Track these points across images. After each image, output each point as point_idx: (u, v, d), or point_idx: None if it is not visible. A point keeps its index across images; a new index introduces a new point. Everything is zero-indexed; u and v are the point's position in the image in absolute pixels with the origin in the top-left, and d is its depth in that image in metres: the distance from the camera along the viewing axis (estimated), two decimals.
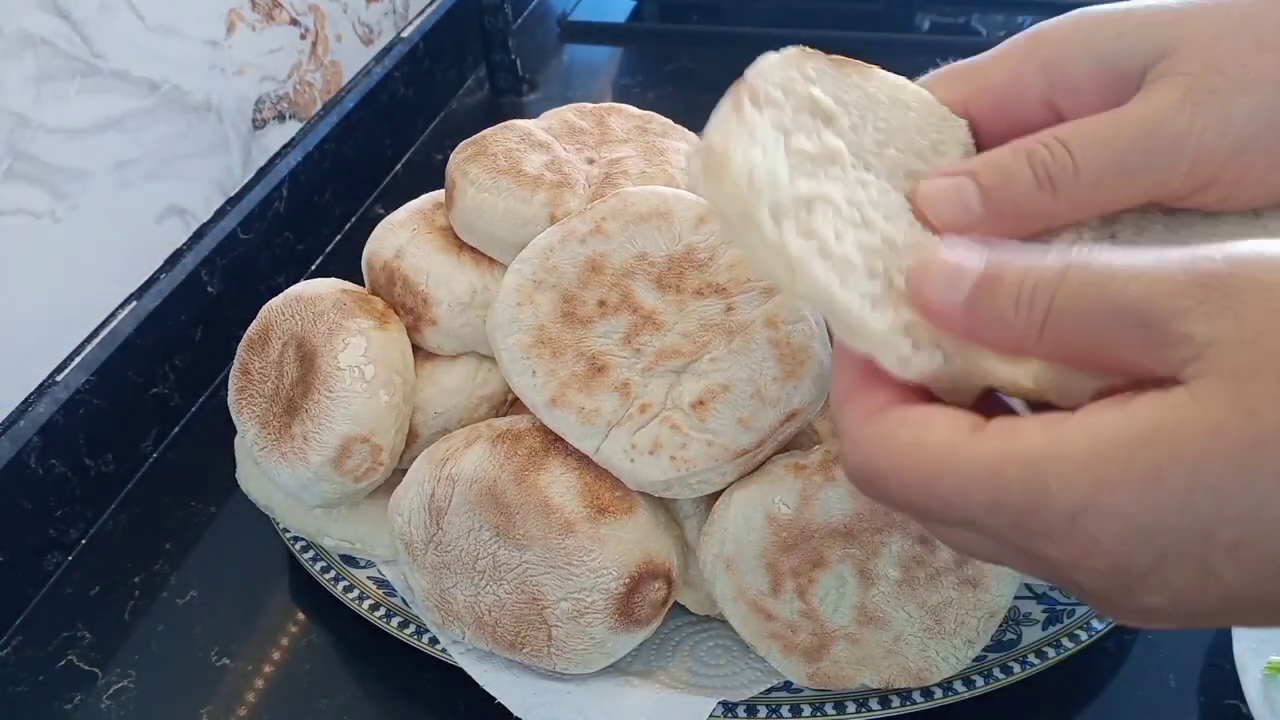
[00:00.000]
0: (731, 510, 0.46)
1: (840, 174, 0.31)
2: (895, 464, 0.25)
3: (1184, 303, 0.21)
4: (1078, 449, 0.22)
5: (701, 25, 1.10)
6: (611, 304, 0.48)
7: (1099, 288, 0.22)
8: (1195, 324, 0.21)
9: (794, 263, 0.28)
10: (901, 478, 0.25)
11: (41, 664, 0.57)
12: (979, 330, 0.25)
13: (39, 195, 0.60)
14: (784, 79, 0.32)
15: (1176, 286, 0.21)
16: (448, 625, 0.50)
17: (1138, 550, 0.21)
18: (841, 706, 0.48)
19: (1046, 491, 0.22)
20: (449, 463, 0.49)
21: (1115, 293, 0.22)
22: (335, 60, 0.87)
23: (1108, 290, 0.22)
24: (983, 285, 0.25)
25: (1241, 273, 0.21)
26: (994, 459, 0.23)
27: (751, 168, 0.29)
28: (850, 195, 0.31)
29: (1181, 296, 0.21)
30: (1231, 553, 0.20)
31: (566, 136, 0.57)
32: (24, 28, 0.57)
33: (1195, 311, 0.21)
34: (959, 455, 0.23)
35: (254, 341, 0.55)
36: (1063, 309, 0.23)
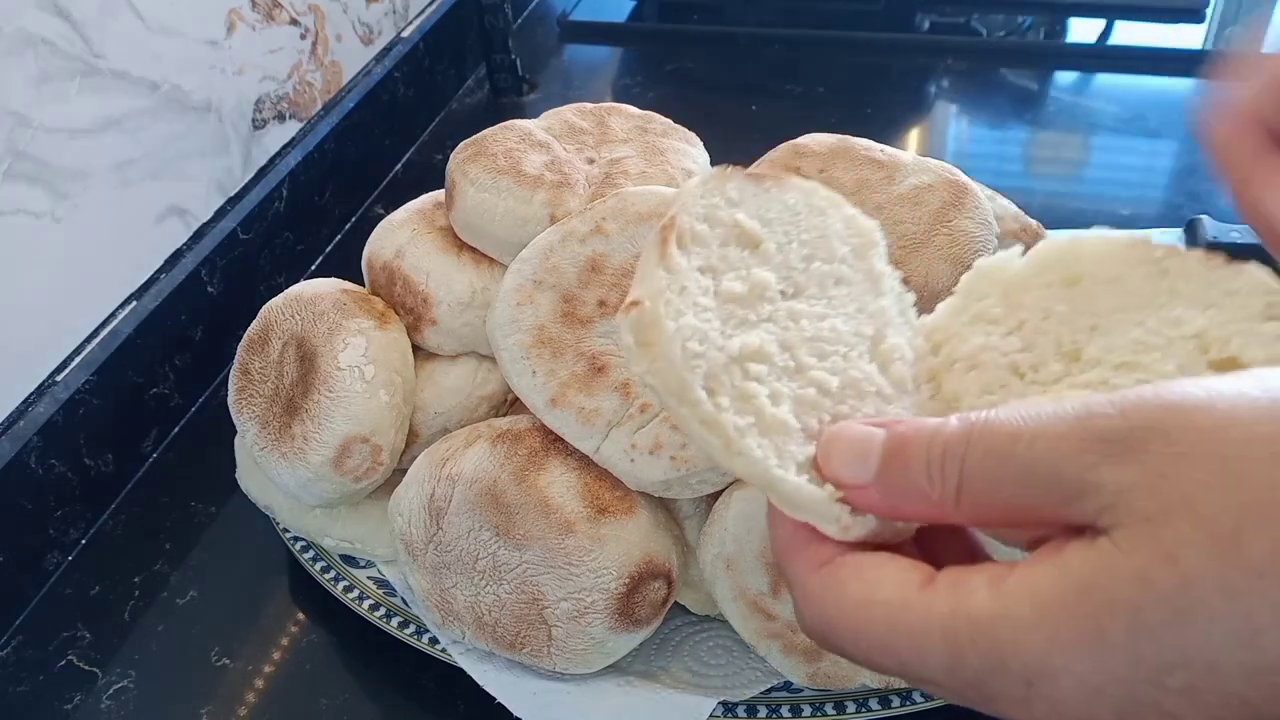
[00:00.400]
0: (731, 510, 0.46)
1: (771, 311, 0.31)
2: (848, 623, 0.25)
3: (1088, 458, 0.22)
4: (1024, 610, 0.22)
5: (701, 25, 1.11)
6: (612, 304, 0.48)
7: (1005, 453, 0.23)
8: (1103, 474, 0.22)
9: (731, 441, 0.27)
10: (856, 637, 0.25)
11: (41, 664, 0.57)
12: (897, 505, 0.25)
13: (39, 195, 0.60)
14: (707, 209, 0.31)
15: (1079, 443, 0.22)
16: (448, 625, 0.50)
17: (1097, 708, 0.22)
18: (841, 706, 0.48)
19: (1000, 655, 0.22)
20: (449, 463, 0.49)
21: (1021, 455, 0.23)
22: (335, 60, 0.87)
23: (1014, 453, 0.23)
24: (889, 458, 0.25)
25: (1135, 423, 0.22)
26: (945, 619, 0.23)
27: (684, 336, 0.28)
28: (783, 338, 0.30)
29: (1085, 452, 0.22)
30: (1186, 697, 0.21)
31: (566, 136, 0.57)
32: (24, 28, 0.57)
33: (1101, 465, 0.22)
34: (911, 616, 0.24)
35: (254, 342, 0.55)
36: (974, 475, 0.24)
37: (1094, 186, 0.84)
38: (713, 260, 0.30)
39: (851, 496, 0.26)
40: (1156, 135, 0.89)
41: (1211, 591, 0.20)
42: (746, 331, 0.30)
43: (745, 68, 1.04)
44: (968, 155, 0.91)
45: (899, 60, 1.02)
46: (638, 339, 0.28)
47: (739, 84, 1.01)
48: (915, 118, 0.96)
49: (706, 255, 0.30)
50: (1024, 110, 0.95)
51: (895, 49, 1.03)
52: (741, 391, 0.28)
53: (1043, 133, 0.92)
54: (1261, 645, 0.20)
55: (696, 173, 0.56)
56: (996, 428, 0.23)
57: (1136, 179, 0.85)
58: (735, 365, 0.29)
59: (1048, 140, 0.91)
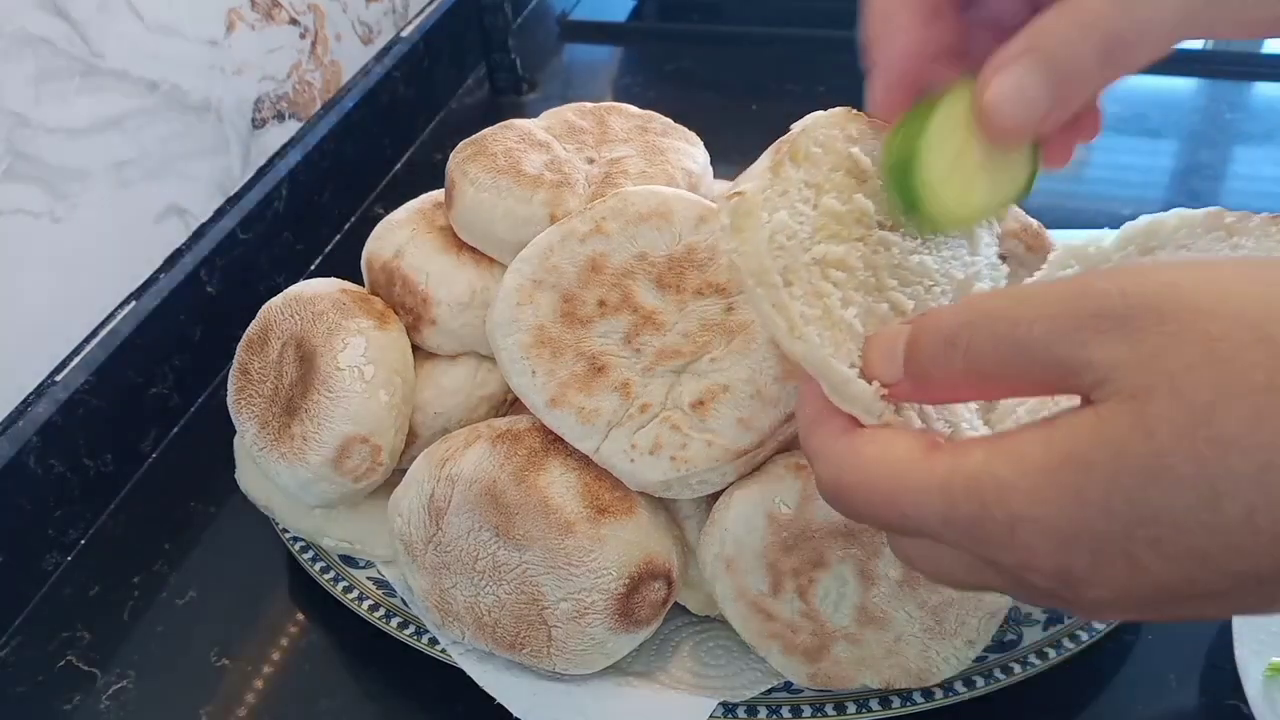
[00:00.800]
0: (731, 510, 0.46)
1: (864, 234, 0.34)
2: (860, 478, 0.28)
3: (1083, 335, 0.24)
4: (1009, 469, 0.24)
5: (701, 25, 1.10)
6: (611, 304, 0.48)
7: (1007, 336, 0.25)
8: (1095, 352, 0.23)
9: (795, 326, 0.31)
10: (867, 492, 0.28)
11: (41, 664, 0.57)
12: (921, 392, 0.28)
13: (39, 195, 0.60)
14: (825, 137, 0.34)
15: (1076, 321, 0.24)
16: (447, 625, 0.50)
17: (1072, 553, 0.24)
18: (842, 707, 0.48)
19: (985, 504, 0.25)
20: (449, 463, 0.49)
21: (1022, 338, 0.25)
22: (335, 60, 0.86)
23: (1015, 336, 0.25)
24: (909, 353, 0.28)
25: (1134, 302, 0.23)
26: (944, 476, 0.26)
27: (774, 229, 0.31)
28: (869, 259, 0.33)
29: (1081, 330, 0.24)
30: (1153, 548, 0.23)
31: (566, 136, 0.57)
32: (24, 28, 0.57)
33: (1094, 341, 0.23)
34: (916, 471, 0.26)
35: (253, 342, 0.55)
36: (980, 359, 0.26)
37: (1094, 186, 0.84)
38: (819, 178, 0.33)
39: (890, 393, 0.29)
40: (1157, 135, 0.89)
41: (1181, 460, 0.22)
42: (835, 243, 0.33)
43: (745, 68, 1.03)
44: None
45: None
46: (733, 223, 0.32)
47: (739, 84, 1.01)
48: None
49: (815, 173, 0.33)
50: None
51: None
52: (816, 289, 0.31)
53: None
54: (1222, 508, 0.22)
55: (696, 173, 0.56)
56: (998, 314, 0.25)
57: (1137, 179, 0.85)
58: (816, 266, 0.32)
59: None
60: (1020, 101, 0.30)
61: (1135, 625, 0.53)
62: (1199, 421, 0.22)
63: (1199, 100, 0.92)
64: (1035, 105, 0.30)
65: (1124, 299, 0.23)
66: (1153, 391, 0.22)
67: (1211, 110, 0.90)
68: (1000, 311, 0.25)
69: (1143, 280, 0.24)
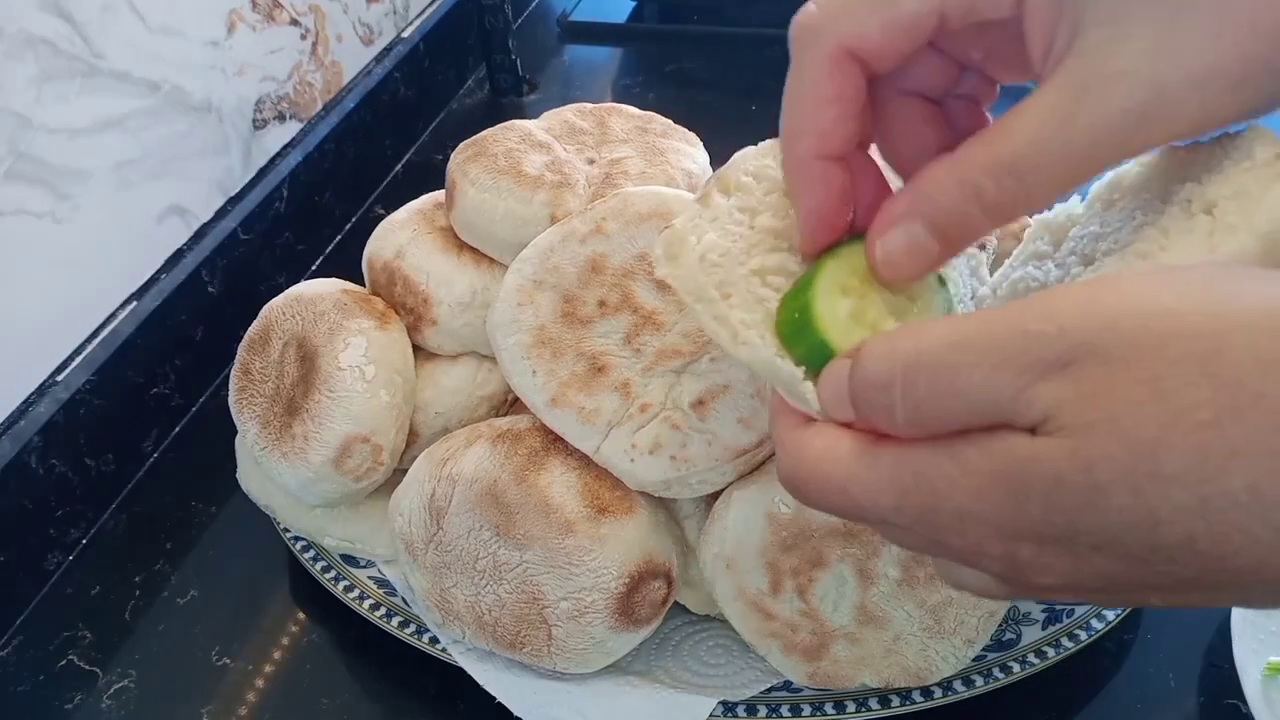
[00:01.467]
0: (731, 510, 0.46)
1: None
2: (812, 470, 0.29)
3: (1024, 379, 0.24)
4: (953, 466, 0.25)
5: (701, 25, 1.10)
6: (612, 304, 0.48)
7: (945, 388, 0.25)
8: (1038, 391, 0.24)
9: (736, 332, 0.32)
10: (820, 483, 0.28)
11: (42, 664, 0.57)
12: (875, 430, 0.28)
13: (40, 195, 0.60)
14: (757, 167, 0.35)
15: (1017, 367, 0.24)
16: (448, 625, 0.50)
17: (1018, 544, 0.25)
18: (841, 706, 0.48)
19: (935, 497, 0.26)
20: (449, 462, 0.49)
21: (962, 386, 0.25)
22: (336, 60, 0.87)
23: (955, 386, 0.25)
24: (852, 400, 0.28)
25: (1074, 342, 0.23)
26: (893, 468, 0.26)
27: (704, 249, 0.33)
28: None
29: (1022, 375, 0.24)
30: (1096, 551, 0.24)
31: (567, 137, 0.57)
32: (25, 28, 0.57)
33: (1036, 385, 0.24)
34: (865, 464, 0.27)
35: (255, 342, 0.55)
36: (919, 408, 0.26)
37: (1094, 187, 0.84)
38: (753, 203, 0.35)
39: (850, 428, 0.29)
40: None
41: (1120, 492, 0.23)
42: (774, 254, 0.34)
43: (745, 68, 1.04)
44: None
45: None
46: (665, 251, 0.34)
47: (739, 84, 1.01)
48: None
49: (748, 199, 0.35)
50: None
51: None
52: (755, 295, 0.33)
53: None
54: (1161, 532, 0.23)
55: (696, 173, 0.56)
56: (936, 362, 0.25)
57: None
58: (755, 276, 0.33)
59: None
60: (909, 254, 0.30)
61: (1135, 625, 0.53)
62: (1142, 458, 0.22)
63: None
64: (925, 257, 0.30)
65: (1064, 340, 0.23)
66: (1094, 428, 0.23)
67: None
68: (933, 360, 0.25)
69: (1081, 317, 0.23)
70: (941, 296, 0.34)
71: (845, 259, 0.33)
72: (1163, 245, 0.31)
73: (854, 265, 0.33)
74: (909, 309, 0.33)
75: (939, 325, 0.26)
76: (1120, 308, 0.23)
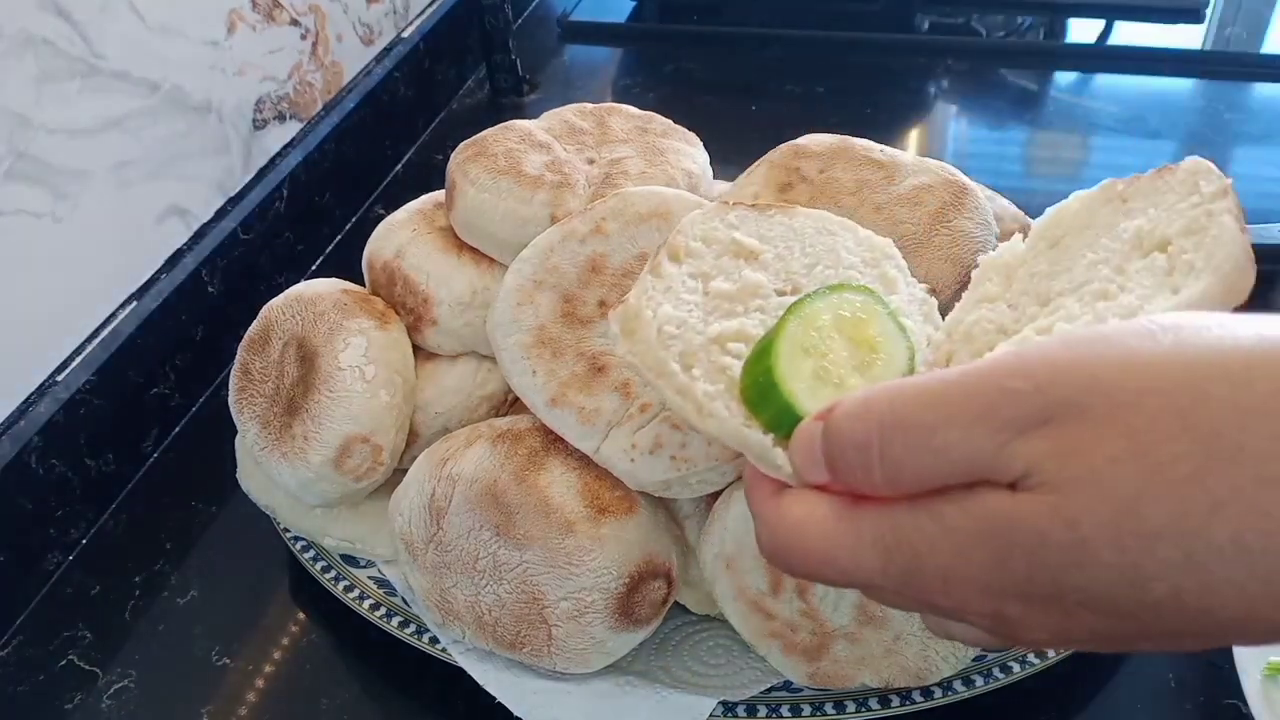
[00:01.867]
0: (731, 510, 0.46)
1: (762, 304, 0.35)
2: (794, 540, 0.28)
3: (1003, 437, 0.24)
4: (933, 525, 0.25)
5: (701, 25, 1.11)
6: (612, 304, 0.48)
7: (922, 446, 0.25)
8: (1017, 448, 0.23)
9: (701, 406, 0.32)
10: (801, 553, 0.28)
11: (42, 664, 0.57)
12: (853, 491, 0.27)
13: (39, 195, 0.60)
14: (704, 231, 0.36)
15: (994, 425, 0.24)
16: (448, 625, 0.50)
17: (1004, 602, 0.25)
18: (841, 706, 0.48)
19: (918, 558, 0.25)
20: (449, 462, 0.49)
21: (939, 446, 0.25)
22: (336, 60, 0.87)
23: (931, 445, 0.25)
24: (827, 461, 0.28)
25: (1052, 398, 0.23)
26: (874, 531, 0.26)
27: (661, 321, 0.33)
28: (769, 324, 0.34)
29: (1000, 433, 0.24)
30: (1083, 607, 0.24)
31: (567, 137, 0.57)
32: (25, 28, 0.57)
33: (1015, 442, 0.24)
34: (845, 527, 0.27)
35: (254, 341, 0.55)
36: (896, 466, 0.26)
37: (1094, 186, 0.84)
38: (705, 268, 0.35)
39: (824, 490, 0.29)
40: (1156, 135, 0.89)
41: (1104, 548, 0.22)
42: (731, 319, 0.34)
43: (745, 68, 1.04)
44: (967, 155, 0.91)
45: (899, 60, 1.02)
46: (621, 328, 0.34)
47: (739, 84, 1.01)
48: (915, 118, 0.96)
49: (699, 265, 0.35)
50: (1024, 110, 0.95)
51: (895, 49, 1.03)
52: (717, 364, 0.33)
53: (1042, 133, 0.92)
54: (1148, 589, 0.22)
55: (696, 173, 0.56)
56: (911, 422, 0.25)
57: None
58: (715, 345, 0.33)
59: (1047, 140, 0.91)
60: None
61: None
62: (1124, 513, 0.22)
63: (1198, 101, 0.92)
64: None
65: (1042, 397, 0.23)
66: (1076, 485, 0.23)
67: (1210, 111, 0.91)
68: (910, 419, 0.25)
69: (1057, 373, 0.23)
70: (903, 344, 0.34)
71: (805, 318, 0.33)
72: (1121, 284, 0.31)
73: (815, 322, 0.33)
74: (873, 361, 0.33)
75: (913, 383, 0.26)
76: (1096, 363, 0.23)
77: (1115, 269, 0.32)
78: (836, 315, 0.33)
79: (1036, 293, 0.34)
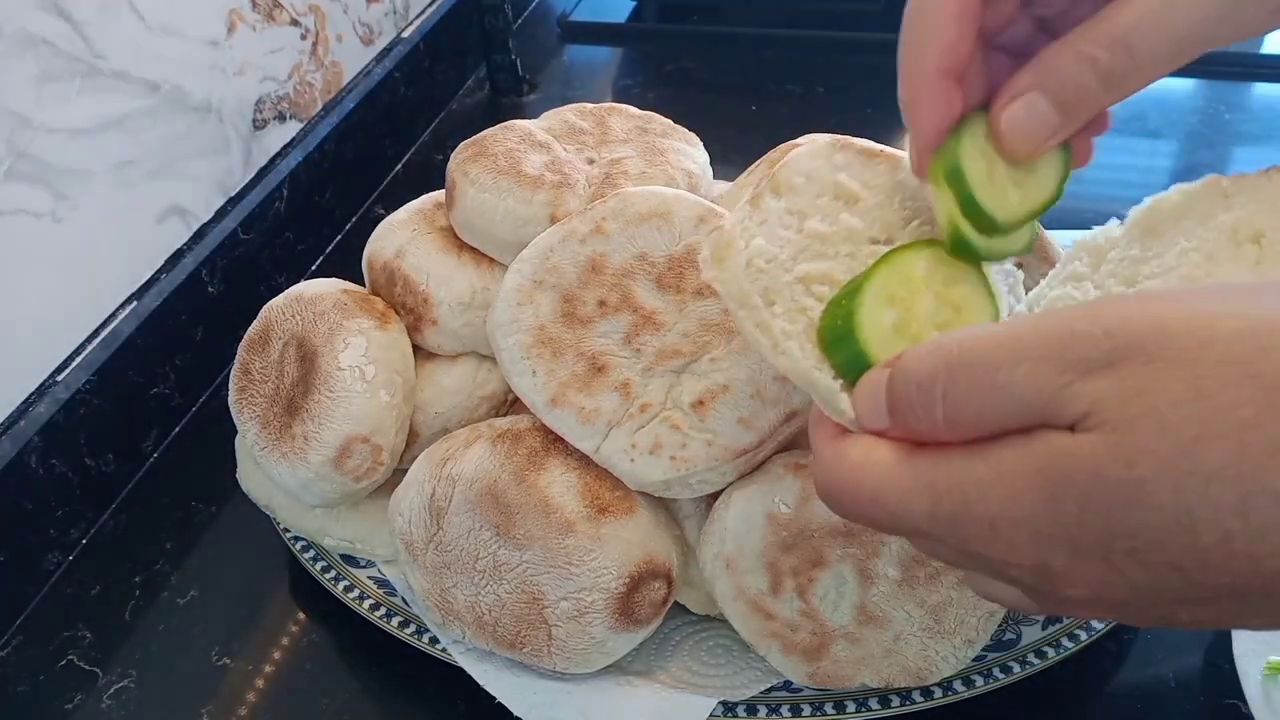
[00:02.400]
0: (731, 510, 0.46)
1: (853, 250, 0.35)
2: (848, 479, 0.29)
3: (1067, 377, 0.24)
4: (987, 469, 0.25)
5: (701, 25, 1.11)
6: (612, 304, 0.48)
7: (987, 384, 0.25)
8: (1080, 389, 0.24)
9: (777, 342, 0.32)
10: (853, 493, 0.29)
11: (42, 664, 0.57)
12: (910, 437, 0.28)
13: (39, 195, 0.60)
14: (810, 168, 0.35)
15: (1060, 364, 0.24)
16: (448, 625, 0.50)
17: (1051, 551, 0.25)
18: (841, 706, 0.48)
19: (967, 501, 0.26)
20: (449, 462, 0.49)
21: (1003, 383, 0.25)
22: (336, 60, 0.87)
23: (995, 383, 0.25)
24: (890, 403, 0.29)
25: (1119, 342, 0.24)
26: (927, 475, 0.27)
27: (751, 254, 0.33)
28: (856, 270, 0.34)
29: (1065, 373, 0.24)
30: (1130, 557, 0.24)
31: (567, 137, 0.57)
32: (25, 28, 0.57)
33: (1079, 382, 0.24)
34: (899, 473, 0.28)
35: (254, 341, 0.55)
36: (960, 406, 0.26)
37: (1093, 187, 0.84)
38: (803, 204, 0.35)
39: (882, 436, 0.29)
40: (1156, 135, 0.89)
41: (1160, 488, 0.23)
42: (820, 261, 0.34)
43: (745, 68, 1.04)
44: None
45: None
46: (713, 253, 0.34)
47: (739, 84, 1.01)
48: None
49: (798, 201, 0.35)
50: None
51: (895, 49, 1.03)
52: (799, 304, 0.33)
53: None
54: (1199, 532, 0.23)
55: (696, 173, 0.56)
56: (976, 360, 0.26)
57: (1136, 179, 0.85)
58: (800, 284, 0.34)
59: None
60: (1031, 124, 0.33)
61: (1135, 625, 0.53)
62: (1183, 454, 0.22)
63: (1198, 101, 0.92)
64: (1045, 126, 0.32)
65: (1109, 340, 0.24)
66: (1136, 423, 0.23)
67: (1210, 111, 0.90)
68: (978, 358, 0.26)
69: (1126, 319, 0.24)
70: (989, 308, 0.34)
71: (897, 267, 0.33)
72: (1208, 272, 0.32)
73: (907, 273, 0.33)
74: (955, 321, 0.33)
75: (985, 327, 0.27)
76: (1165, 312, 0.24)
77: (1206, 256, 0.32)
78: (930, 269, 0.34)
79: (1124, 276, 0.34)
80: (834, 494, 0.29)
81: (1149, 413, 0.23)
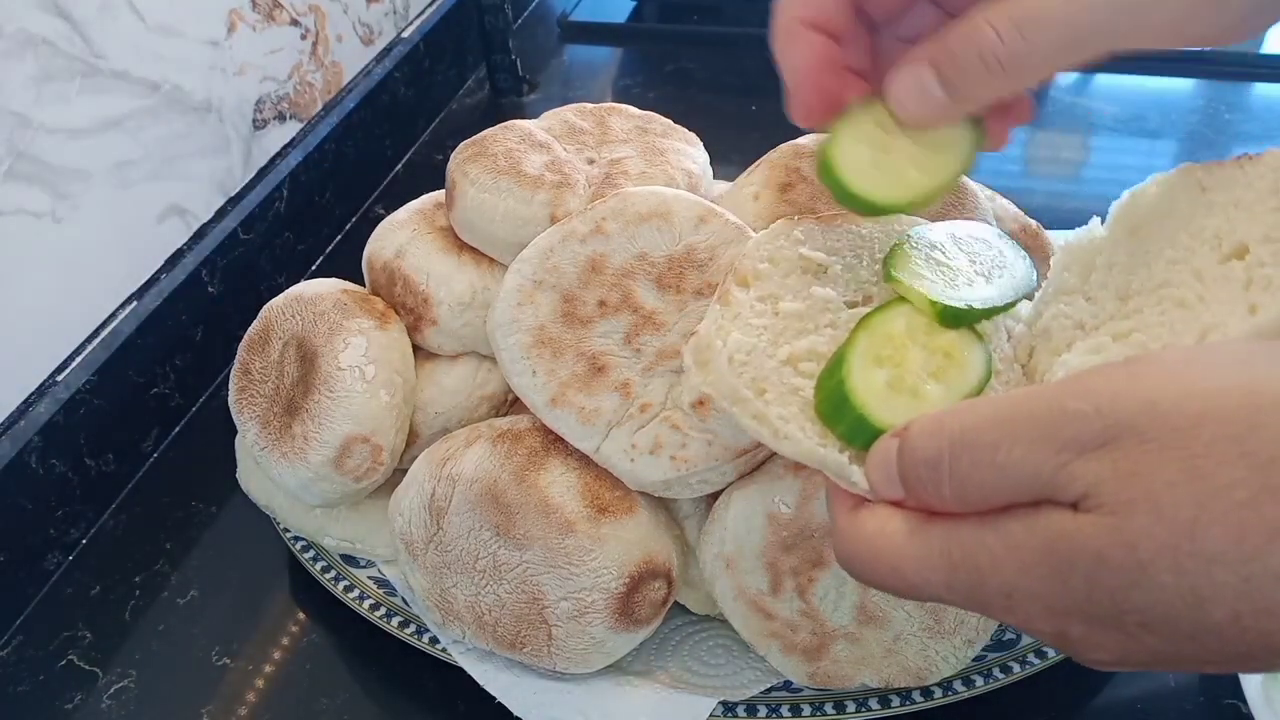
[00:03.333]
0: (731, 510, 0.46)
1: (833, 319, 0.36)
2: (866, 551, 0.29)
3: (1064, 457, 0.24)
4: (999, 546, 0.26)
5: (701, 25, 1.11)
6: (612, 304, 0.48)
7: (987, 463, 0.26)
8: (1077, 469, 0.24)
9: (776, 429, 0.32)
10: (873, 563, 0.29)
11: (42, 664, 0.57)
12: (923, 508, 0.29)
13: (39, 195, 0.60)
14: (770, 252, 0.36)
15: (1056, 444, 0.25)
16: (448, 625, 0.50)
17: (1066, 623, 0.25)
18: (841, 706, 0.48)
19: (981, 575, 0.26)
20: (449, 462, 0.49)
21: (1003, 462, 0.25)
22: (336, 60, 0.87)
23: (995, 461, 0.26)
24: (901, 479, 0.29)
25: (1111, 421, 0.24)
26: (942, 545, 0.27)
27: (731, 350, 0.34)
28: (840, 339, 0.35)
29: (1061, 452, 0.24)
30: (1144, 629, 0.24)
31: (567, 137, 0.57)
32: (25, 28, 0.57)
33: (1075, 462, 0.24)
34: (916, 541, 0.28)
35: (254, 341, 0.55)
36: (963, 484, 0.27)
37: (1094, 186, 0.84)
38: (773, 289, 0.36)
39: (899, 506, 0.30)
40: (1156, 135, 0.89)
41: (1162, 570, 0.23)
42: (801, 338, 0.35)
43: (745, 68, 1.04)
44: None
45: None
46: (695, 360, 0.34)
47: (739, 84, 1.01)
48: None
49: (767, 287, 0.36)
50: None
51: None
52: (789, 386, 0.33)
53: (1042, 133, 0.92)
54: (1207, 610, 0.23)
55: (696, 173, 0.56)
56: (977, 441, 0.26)
57: (1136, 179, 0.84)
58: (786, 366, 0.34)
59: (1047, 140, 0.91)
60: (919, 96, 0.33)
61: None
62: (1181, 537, 0.23)
63: (1197, 101, 0.92)
64: (931, 100, 0.33)
65: (1101, 419, 0.24)
66: (1133, 506, 0.23)
67: (1210, 111, 0.91)
68: (977, 438, 0.26)
69: (1117, 396, 0.24)
70: (978, 347, 0.34)
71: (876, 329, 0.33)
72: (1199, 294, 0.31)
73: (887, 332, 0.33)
74: (948, 366, 0.33)
75: (985, 403, 0.27)
76: (1156, 388, 0.24)
77: (1194, 273, 0.32)
78: (909, 323, 0.34)
79: (1115, 286, 0.34)
80: (855, 565, 0.30)
81: (1145, 495, 0.23)
